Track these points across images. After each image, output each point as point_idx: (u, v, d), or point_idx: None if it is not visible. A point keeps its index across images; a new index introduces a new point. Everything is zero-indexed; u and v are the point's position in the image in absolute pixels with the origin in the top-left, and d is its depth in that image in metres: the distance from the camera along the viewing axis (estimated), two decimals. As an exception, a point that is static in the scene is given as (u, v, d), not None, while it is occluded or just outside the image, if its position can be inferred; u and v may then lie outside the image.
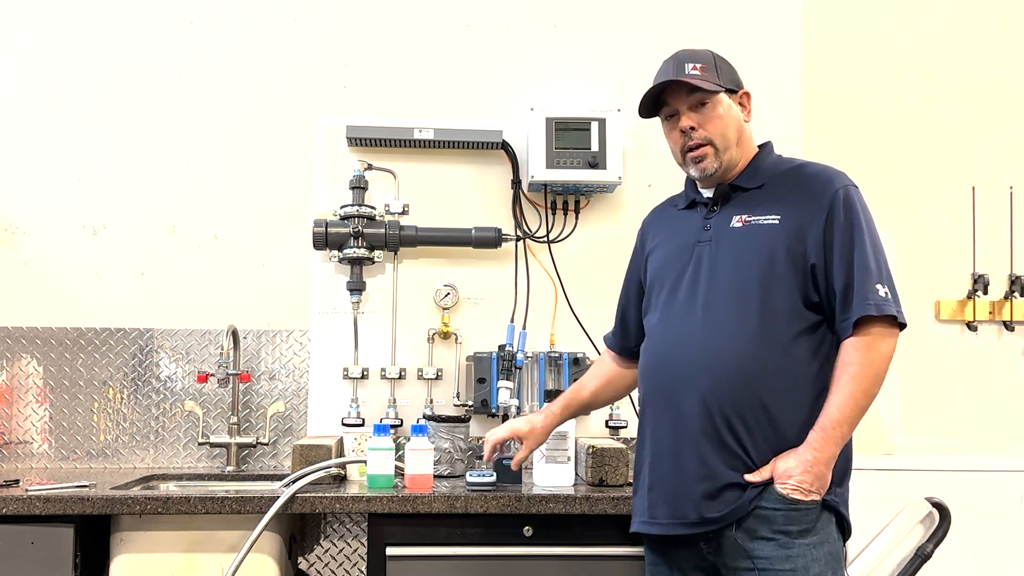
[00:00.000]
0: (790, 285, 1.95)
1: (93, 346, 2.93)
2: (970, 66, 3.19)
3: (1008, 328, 3.12)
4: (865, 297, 1.90)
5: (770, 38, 3.12)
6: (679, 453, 1.98)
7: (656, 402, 2.06)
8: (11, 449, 2.89)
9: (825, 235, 1.95)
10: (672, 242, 2.15)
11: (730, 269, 2.00)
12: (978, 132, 3.16)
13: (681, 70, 2.05)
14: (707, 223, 2.08)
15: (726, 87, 2.06)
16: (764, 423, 1.92)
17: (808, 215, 1.97)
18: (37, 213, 2.96)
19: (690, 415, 1.97)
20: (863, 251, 1.94)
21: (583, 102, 3.03)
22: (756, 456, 1.92)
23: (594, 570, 2.34)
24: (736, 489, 1.92)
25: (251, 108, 3.02)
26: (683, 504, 1.97)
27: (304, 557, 2.89)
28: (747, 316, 1.95)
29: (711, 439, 1.94)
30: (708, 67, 2.06)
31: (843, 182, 2.00)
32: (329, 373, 2.92)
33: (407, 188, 2.97)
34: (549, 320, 2.95)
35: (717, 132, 2.05)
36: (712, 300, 2.00)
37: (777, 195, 2.03)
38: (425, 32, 3.06)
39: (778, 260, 1.96)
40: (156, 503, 2.26)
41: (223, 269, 2.98)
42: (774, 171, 2.08)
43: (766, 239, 1.98)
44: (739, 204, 2.06)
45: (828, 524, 1.93)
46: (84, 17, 3.00)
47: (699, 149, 2.06)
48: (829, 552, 1.92)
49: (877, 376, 1.91)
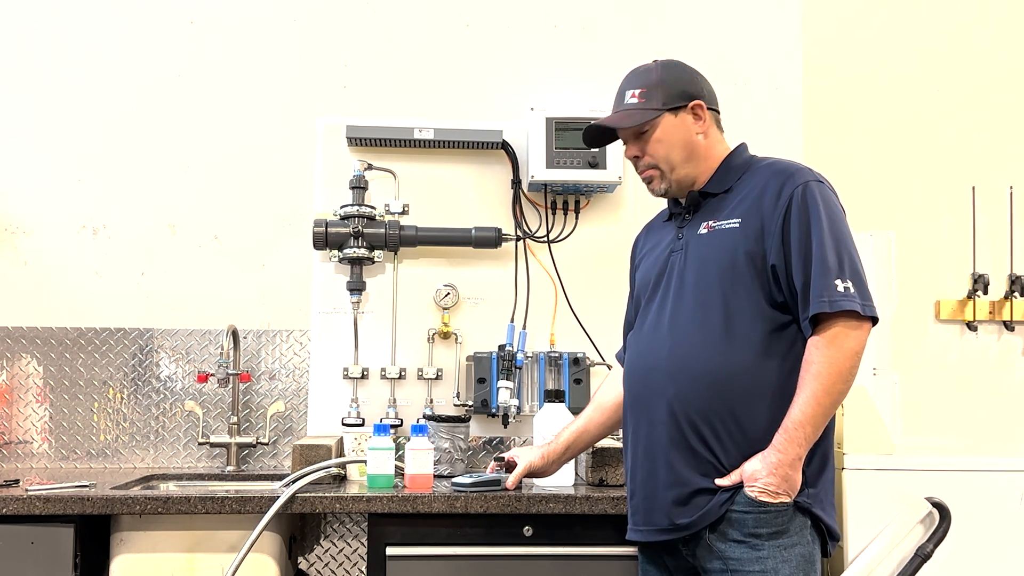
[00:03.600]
0: (751, 288, 1.95)
1: (93, 346, 2.93)
2: (970, 66, 3.19)
3: (1008, 328, 3.12)
4: (820, 294, 1.87)
5: (770, 38, 3.12)
6: (652, 461, 2.00)
7: (633, 411, 2.08)
8: (11, 449, 2.89)
9: (783, 234, 1.94)
10: (652, 255, 2.18)
11: (694, 276, 2.01)
12: (978, 132, 3.16)
13: (620, 101, 2.11)
14: (680, 232, 2.10)
15: (668, 107, 2.06)
16: (732, 427, 1.92)
17: (768, 215, 1.96)
18: (37, 213, 2.96)
19: (660, 423, 1.98)
20: (820, 246, 1.90)
21: (583, 102, 3.03)
22: (726, 460, 1.92)
23: (594, 570, 2.34)
24: (706, 494, 1.92)
25: (251, 108, 3.02)
26: (655, 511, 1.99)
27: (304, 557, 2.89)
28: (710, 321, 1.96)
29: (679, 446, 1.95)
30: (649, 90, 2.08)
31: (804, 177, 1.97)
32: (329, 373, 2.92)
33: (407, 188, 2.97)
34: (549, 320, 2.96)
35: (660, 156, 2.07)
36: (678, 308, 2.01)
37: (741, 197, 2.02)
38: (425, 32, 3.06)
39: (738, 263, 1.96)
40: (156, 503, 2.26)
41: (223, 269, 2.99)
42: (742, 173, 2.07)
43: (727, 243, 1.98)
44: (708, 210, 2.07)
45: (802, 527, 1.92)
46: (84, 17, 3.00)
47: (646, 172, 2.11)
48: (801, 554, 1.91)
49: (840, 373, 1.87)
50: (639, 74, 2.13)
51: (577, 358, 2.86)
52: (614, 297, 2.96)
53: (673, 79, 2.10)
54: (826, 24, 3.16)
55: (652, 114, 2.06)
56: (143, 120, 3.00)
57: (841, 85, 3.15)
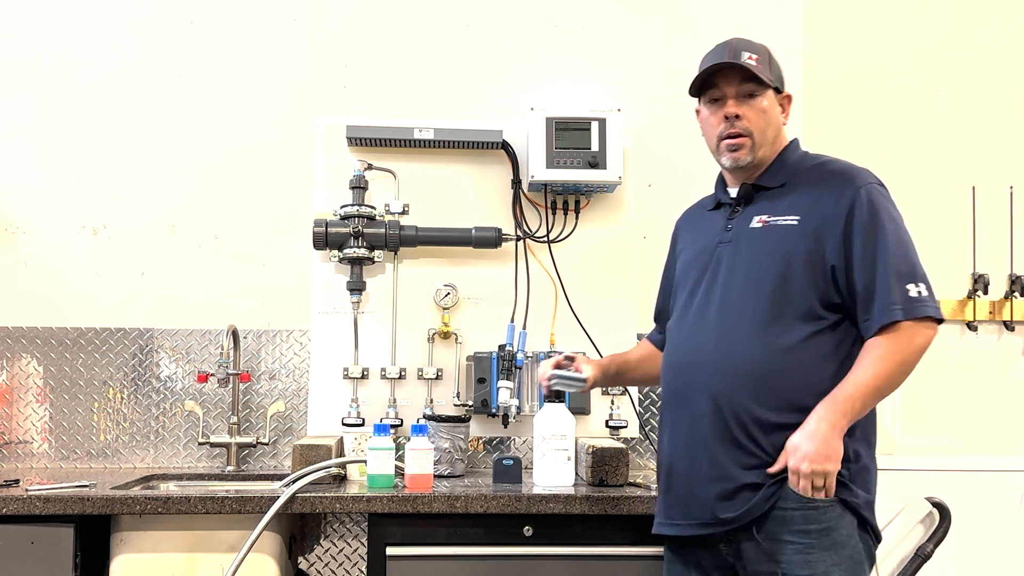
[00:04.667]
0: (806, 287, 1.93)
1: (93, 346, 2.93)
2: (970, 66, 3.19)
3: (1008, 328, 3.12)
4: (894, 301, 1.87)
5: (770, 38, 3.09)
6: (693, 454, 1.98)
7: (672, 404, 2.06)
8: (11, 449, 2.89)
9: (845, 236, 1.92)
10: (696, 244, 2.14)
11: (746, 271, 1.99)
12: (978, 132, 3.16)
13: (737, 56, 2.02)
14: (729, 224, 2.07)
15: (774, 85, 2.05)
16: (779, 422, 1.89)
17: (828, 215, 1.94)
18: (37, 213, 2.96)
19: (703, 416, 1.96)
20: (888, 252, 1.89)
21: (583, 102, 3.03)
22: (774, 454, 1.90)
23: (594, 570, 2.34)
24: (751, 489, 1.90)
25: (251, 108, 3.02)
26: (697, 505, 1.97)
27: (304, 557, 2.89)
28: (760, 316, 1.94)
29: (724, 440, 1.93)
30: (763, 59, 2.04)
31: (865, 180, 1.97)
32: (329, 373, 2.92)
33: (407, 188, 2.97)
34: (549, 320, 2.95)
35: (758, 126, 2.03)
36: (727, 302, 1.99)
37: (798, 194, 2.00)
38: (425, 32, 3.06)
39: (795, 262, 1.94)
40: (156, 503, 2.26)
41: (223, 269, 2.99)
42: (797, 169, 2.05)
43: (784, 240, 1.96)
44: (761, 204, 2.04)
45: (850, 528, 1.90)
46: (84, 17, 3.00)
47: (737, 139, 2.03)
48: (850, 556, 1.89)
49: (903, 364, 1.86)
50: (751, 43, 2.06)
51: (577, 358, 2.86)
52: (614, 297, 2.96)
53: (778, 64, 2.10)
54: (826, 24, 3.16)
55: (769, 79, 2.02)
56: (143, 120, 3.00)
57: (841, 85, 3.15)
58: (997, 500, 2.93)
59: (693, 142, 3.06)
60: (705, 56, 2.09)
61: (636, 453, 2.99)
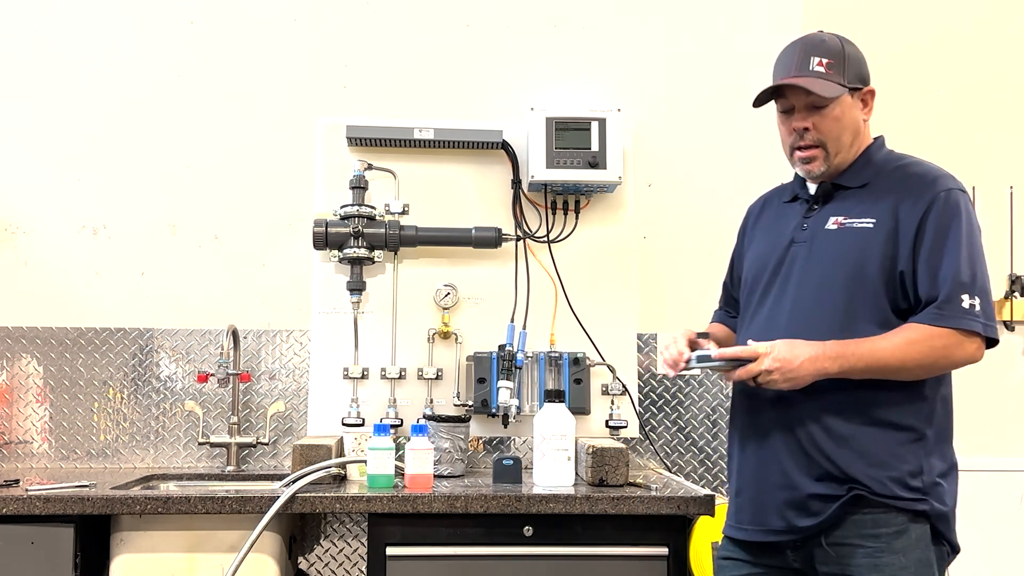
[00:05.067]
0: (878, 293, 1.88)
1: (93, 346, 2.93)
2: (970, 65, 3.19)
3: (1008, 328, 3.12)
4: (942, 305, 1.82)
5: (770, 37, 3.11)
6: (762, 461, 1.96)
7: (743, 407, 2.04)
8: (11, 449, 2.89)
9: (916, 239, 1.87)
10: (769, 238, 2.09)
11: (819, 274, 1.94)
12: (978, 132, 3.16)
13: (805, 65, 1.94)
14: (805, 222, 2.01)
15: (850, 86, 1.95)
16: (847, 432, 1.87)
17: (904, 218, 1.88)
18: (37, 213, 2.96)
19: (771, 423, 1.94)
20: (954, 258, 1.84)
21: (583, 102, 3.03)
22: (842, 464, 1.86)
23: (594, 570, 2.34)
24: (820, 500, 1.87)
25: (251, 108, 3.02)
26: (766, 512, 1.95)
27: (304, 557, 2.89)
28: (831, 323, 1.89)
29: (792, 449, 1.91)
30: (835, 63, 1.94)
31: (947, 184, 1.90)
32: (329, 373, 2.92)
33: (407, 188, 2.97)
34: (549, 320, 2.95)
35: (831, 136, 1.95)
36: (798, 306, 1.95)
37: (877, 195, 1.94)
38: (425, 32, 3.06)
39: (868, 266, 1.89)
40: (156, 503, 2.26)
41: (223, 269, 2.99)
42: (880, 169, 1.98)
43: (858, 243, 1.91)
44: (839, 204, 1.98)
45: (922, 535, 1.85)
46: (84, 17, 3.00)
47: (809, 151, 1.97)
48: (918, 560, 1.84)
49: (925, 364, 1.82)
50: (823, 43, 1.98)
51: (577, 358, 2.86)
52: (614, 297, 2.96)
53: (856, 58, 1.99)
54: (826, 23, 3.15)
55: (839, 89, 1.93)
56: (143, 120, 3.00)
57: (841, 85, 3.15)
58: (997, 500, 2.93)
59: (693, 142, 3.09)
60: (778, 57, 2.02)
61: (636, 453, 2.99)
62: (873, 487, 1.85)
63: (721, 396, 3.02)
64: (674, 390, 3.02)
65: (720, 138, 3.08)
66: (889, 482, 1.85)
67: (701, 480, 3.00)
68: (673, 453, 3.01)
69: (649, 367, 3.01)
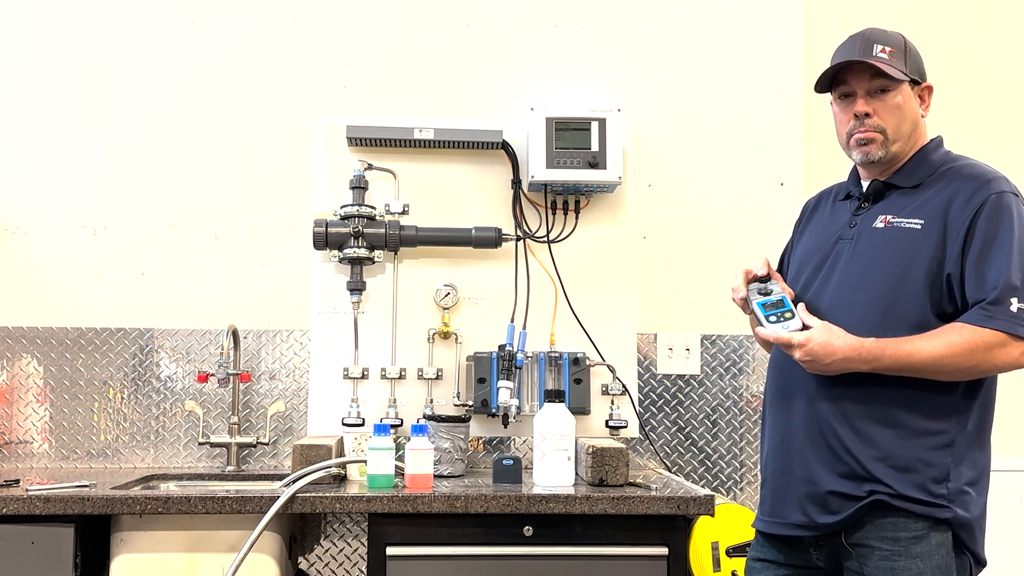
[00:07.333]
0: (921, 295, 1.86)
1: (93, 346, 2.93)
2: (970, 65, 3.19)
3: None
4: (988, 307, 1.79)
5: (770, 37, 3.12)
6: (786, 454, 1.96)
7: (773, 401, 2.04)
8: (11, 449, 2.89)
9: (966, 242, 1.84)
10: (817, 234, 2.08)
11: (862, 272, 1.92)
12: (977, 132, 3.16)
13: (868, 50, 1.94)
14: (854, 220, 1.99)
15: (911, 77, 1.95)
16: (874, 432, 1.85)
17: (954, 220, 1.86)
18: (37, 213, 2.96)
19: (799, 416, 1.94)
20: (1004, 260, 1.81)
21: (583, 102, 3.03)
22: (868, 464, 1.85)
23: (594, 570, 2.34)
24: (840, 497, 1.87)
25: (251, 108, 3.02)
26: (786, 505, 1.95)
27: (304, 557, 2.89)
28: (868, 322, 1.87)
29: (815, 444, 1.90)
30: (897, 52, 1.95)
31: (1000, 187, 1.88)
32: (329, 373, 2.92)
33: (407, 188, 2.97)
34: (549, 320, 2.95)
35: (891, 123, 1.94)
36: (837, 302, 1.93)
37: (928, 196, 1.91)
38: (425, 32, 3.06)
39: (912, 268, 1.86)
40: (156, 503, 2.26)
41: (223, 269, 2.99)
42: (934, 170, 1.96)
43: (904, 244, 1.88)
44: (889, 202, 1.96)
45: (943, 541, 1.83)
46: (84, 17, 3.00)
47: (869, 132, 1.95)
48: (937, 567, 1.82)
49: (965, 366, 1.80)
50: (885, 33, 1.99)
51: (577, 358, 2.86)
52: (614, 297, 2.97)
53: (916, 53, 2.00)
54: (826, 23, 3.16)
55: (902, 75, 1.93)
56: (143, 120, 3.00)
57: (841, 85, 3.15)
58: (997, 500, 2.93)
59: (693, 142, 3.09)
60: (837, 48, 2.02)
61: (636, 453, 2.99)
62: (894, 489, 1.83)
63: (721, 396, 3.02)
64: (674, 390, 3.02)
65: (720, 138, 3.08)
66: (911, 486, 1.83)
67: (701, 480, 3.00)
68: (673, 453, 3.01)
69: (649, 367, 3.01)
